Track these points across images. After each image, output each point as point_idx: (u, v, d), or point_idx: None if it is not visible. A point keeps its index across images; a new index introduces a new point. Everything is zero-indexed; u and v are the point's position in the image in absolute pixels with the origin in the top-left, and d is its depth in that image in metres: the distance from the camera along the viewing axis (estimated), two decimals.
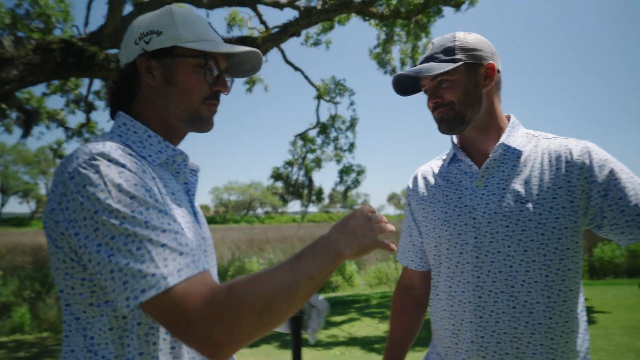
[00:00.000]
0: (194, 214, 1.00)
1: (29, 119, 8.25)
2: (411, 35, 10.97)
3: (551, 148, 1.19)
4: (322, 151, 14.91)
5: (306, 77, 13.65)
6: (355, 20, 12.20)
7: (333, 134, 14.22)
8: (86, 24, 10.11)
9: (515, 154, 1.20)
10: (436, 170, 1.35)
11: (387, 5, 9.76)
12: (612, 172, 1.11)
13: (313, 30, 14.01)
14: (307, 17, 9.38)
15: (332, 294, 9.73)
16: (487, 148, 1.24)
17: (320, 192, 15.79)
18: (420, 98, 1.32)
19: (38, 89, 12.15)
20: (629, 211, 1.07)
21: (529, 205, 1.13)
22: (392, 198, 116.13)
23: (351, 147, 14.22)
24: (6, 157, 59.81)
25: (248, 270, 10.43)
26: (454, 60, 1.19)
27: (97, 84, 13.48)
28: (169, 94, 0.98)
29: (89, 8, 10.28)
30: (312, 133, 14.63)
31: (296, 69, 13.45)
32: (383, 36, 12.26)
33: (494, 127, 1.26)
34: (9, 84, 6.82)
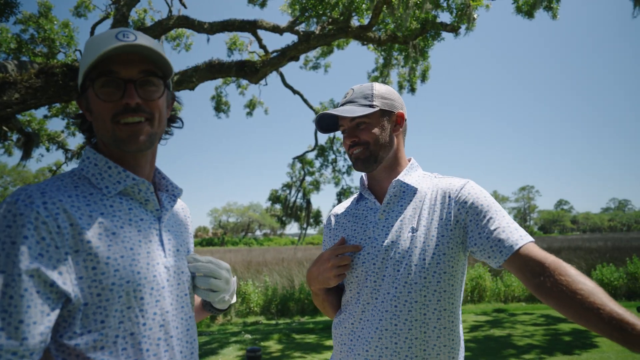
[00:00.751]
0: (161, 242, 0.99)
1: (29, 142, 8.31)
2: (409, 59, 11.14)
3: (439, 185, 1.36)
4: (321, 174, 14.96)
5: (305, 100, 13.80)
6: (354, 44, 12.43)
7: (331, 157, 14.32)
8: None
9: (412, 190, 1.37)
10: (346, 209, 1.50)
11: (385, 30, 9.94)
12: (483, 206, 1.27)
13: (312, 54, 14.23)
14: (306, 42, 9.55)
15: (328, 318, 9.63)
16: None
17: (318, 214, 15.77)
18: (419, 120, 1.41)
19: (40, 112, 12.26)
20: (492, 239, 1.22)
21: (417, 234, 1.29)
22: None
23: (349, 169, 14.30)
24: (6, 178, 59.87)
25: (243, 292, 10.34)
26: (371, 106, 1.35)
27: None
28: (94, 123, 0.99)
29: (92, 33, 10.47)
30: (311, 156, 14.73)
31: (295, 92, 13.61)
32: (381, 60, 12.45)
33: (398, 167, 1.42)
34: (11, 107, 6.91)
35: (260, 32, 11.07)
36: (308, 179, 15.27)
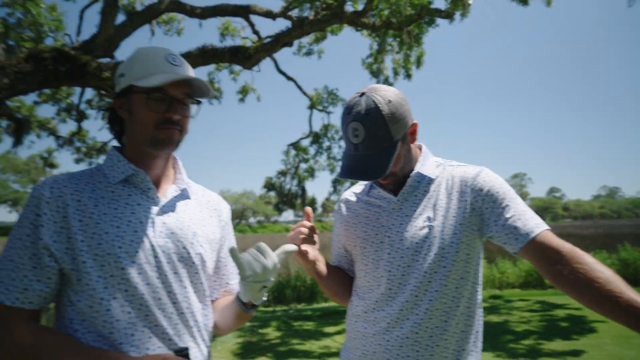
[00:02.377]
0: (152, 224, 1.13)
1: (20, 128, 8.18)
2: (404, 45, 11.05)
3: (454, 174, 1.36)
4: (315, 160, 14.89)
5: (299, 87, 13.68)
6: (347, 30, 12.29)
7: (326, 144, 14.24)
8: (79, 32, 10.08)
9: (427, 180, 1.36)
10: (358, 196, 1.48)
11: (379, 16, 9.83)
12: (499, 194, 1.28)
13: (306, 40, 14.05)
14: (300, 28, 9.42)
15: (325, 304, 9.67)
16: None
17: (313, 201, 15.75)
18: (413, 105, 1.35)
19: (29, 98, 12.05)
20: (508, 226, 1.23)
21: (434, 223, 1.29)
22: None
23: None
24: None
25: None
26: (392, 145, 1.26)
27: (90, 93, 13.42)
28: (132, 124, 1.19)
29: (81, 17, 10.26)
30: (305, 142, 14.65)
31: (289, 78, 13.47)
32: (375, 46, 12.33)
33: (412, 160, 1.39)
34: (0, 92, 6.74)
35: (253, 18, 10.92)
36: (303, 166, 15.20)
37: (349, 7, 9.69)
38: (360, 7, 9.51)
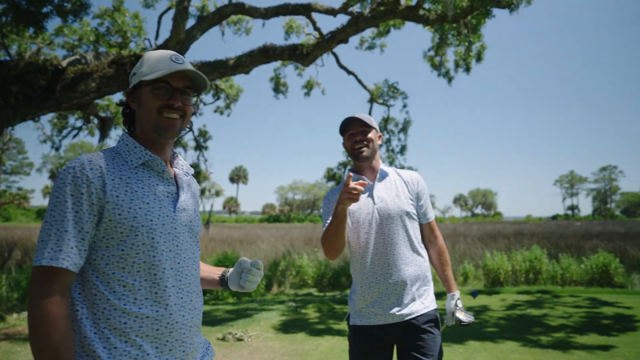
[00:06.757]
0: (172, 202, 1.35)
1: (105, 125, 9.31)
2: (462, 38, 10.99)
3: (399, 173, 2.34)
4: None
5: (359, 81, 13.97)
6: (411, 23, 12.38)
7: (385, 136, 14.45)
8: (157, 36, 11.14)
9: (385, 173, 2.31)
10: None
11: (434, 10, 9.90)
12: (425, 189, 2.40)
13: (368, 34, 14.28)
14: (355, 25, 9.76)
15: None
16: (371, 171, 2.31)
17: None
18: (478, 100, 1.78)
19: (116, 97, 13.47)
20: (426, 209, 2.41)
21: (400, 196, 2.26)
22: (458, 199, 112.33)
23: (403, 149, 14.38)
24: None
25: (297, 265, 10.96)
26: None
27: None
28: (140, 112, 1.38)
29: (159, 22, 11.31)
30: None
31: (349, 73, 13.80)
32: (437, 39, 12.32)
33: (376, 162, 2.32)
34: (89, 94, 7.81)
35: (315, 15, 11.37)
36: None
37: (411, 1, 9.86)
38: (413, 2, 9.65)
